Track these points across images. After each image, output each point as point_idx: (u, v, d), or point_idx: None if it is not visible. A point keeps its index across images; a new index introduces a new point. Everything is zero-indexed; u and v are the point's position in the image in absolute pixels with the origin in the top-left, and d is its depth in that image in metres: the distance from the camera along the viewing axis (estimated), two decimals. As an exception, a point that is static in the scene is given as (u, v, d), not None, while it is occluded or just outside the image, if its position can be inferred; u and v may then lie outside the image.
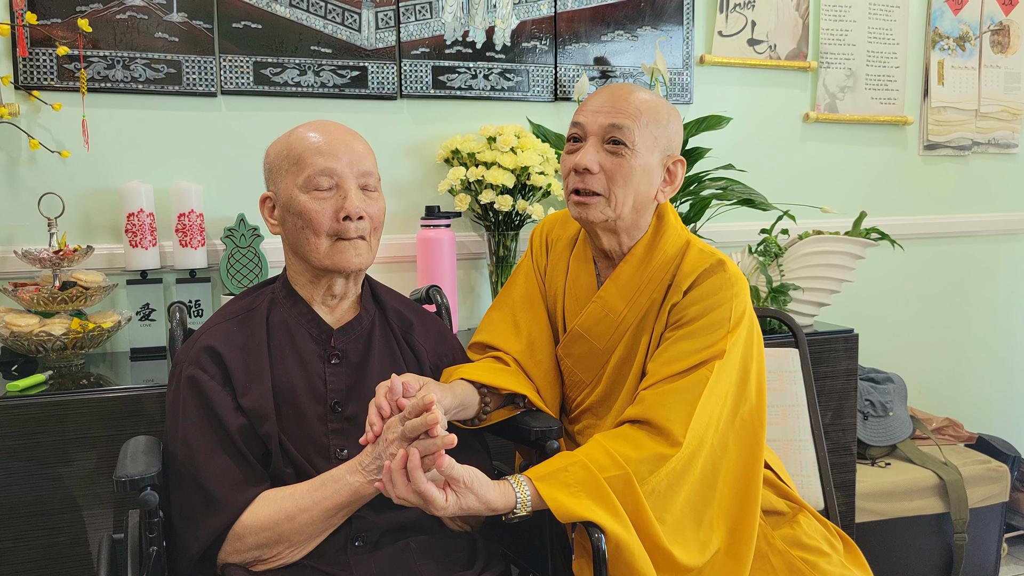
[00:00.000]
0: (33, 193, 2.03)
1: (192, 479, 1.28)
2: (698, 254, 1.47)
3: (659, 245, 1.49)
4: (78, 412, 1.72)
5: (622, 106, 1.43)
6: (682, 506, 1.35)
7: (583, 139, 1.46)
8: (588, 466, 1.30)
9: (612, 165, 1.43)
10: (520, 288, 1.62)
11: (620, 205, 1.44)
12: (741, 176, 2.52)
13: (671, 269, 1.47)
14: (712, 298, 1.43)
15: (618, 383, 1.50)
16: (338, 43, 2.26)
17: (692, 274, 1.45)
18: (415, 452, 1.20)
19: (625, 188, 1.43)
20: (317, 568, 1.28)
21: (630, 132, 1.42)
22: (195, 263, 2.12)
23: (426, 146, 2.39)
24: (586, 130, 1.45)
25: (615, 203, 1.44)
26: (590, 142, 1.44)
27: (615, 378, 1.50)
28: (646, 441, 1.34)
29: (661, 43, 2.56)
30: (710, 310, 1.42)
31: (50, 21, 2.01)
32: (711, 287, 1.43)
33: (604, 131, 1.43)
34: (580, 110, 1.48)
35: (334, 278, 1.40)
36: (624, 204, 1.44)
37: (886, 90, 2.89)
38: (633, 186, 1.44)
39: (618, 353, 1.49)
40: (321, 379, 1.37)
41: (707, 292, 1.43)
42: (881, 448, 2.59)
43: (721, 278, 1.43)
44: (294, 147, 1.37)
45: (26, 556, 1.70)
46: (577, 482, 1.29)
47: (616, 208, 1.44)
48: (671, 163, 1.48)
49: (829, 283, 2.37)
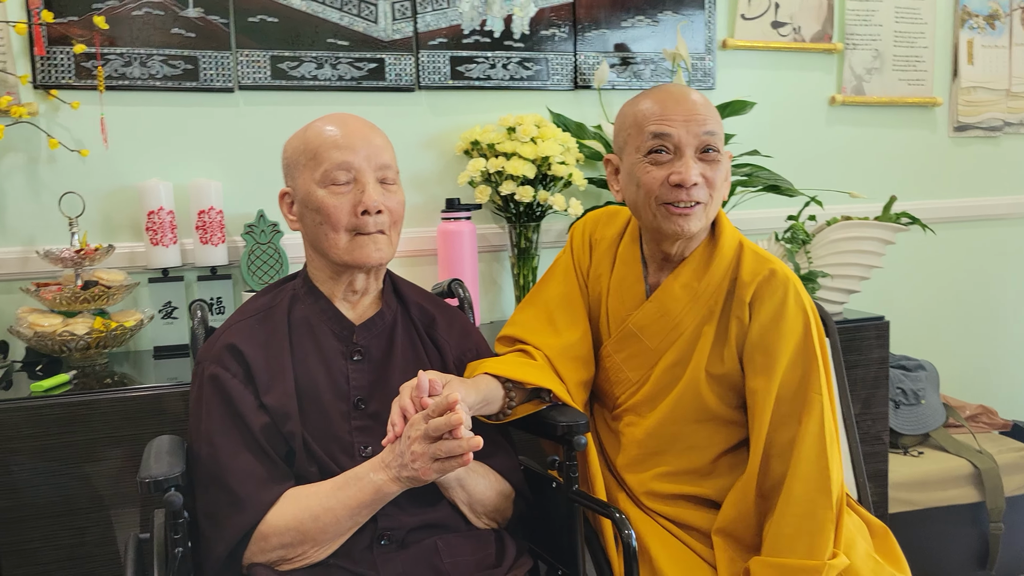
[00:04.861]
0: (53, 193, 2.03)
1: (217, 478, 1.27)
2: (753, 258, 1.46)
3: (717, 248, 1.48)
4: (103, 411, 1.72)
5: (707, 112, 1.42)
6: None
7: (671, 151, 1.42)
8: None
9: (711, 173, 1.42)
10: (557, 286, 1.59)
11: (712, 210, 1.45)
12: (766, 162, 2.48)
13: (729, 274, 1.46)
14: (783, 325, 1.40)
15: (667, 385, 1.47)
16: (355, 35, 2.24)
17: (751, 284, 1.43)
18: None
19: (718, 194, 1.44)
20: (343, 567, 1.26)
21: (720, 139, 1.43)
22: (216, 260, 2.11)
23: (445, 138, 2.36)
24: (679, 142, 1.41)
25: (709, 209, 1.44)
26: (688, 155, 1.41)
27: (665, 380, 1.47)
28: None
29: (682, 28, 2.52)
30: (786, 338, 1.40)
31: (67, 19, 2.00)
32: (776, 303, 1.41)
33: (699, 141, 1.41)
34: (662, 119, 1.41)
35: (355, 274, 1.38)
36: (714, 209, 1.45)
37: (914, 71, 2.83)
38: (722, 191, 1.45)
39: (670, 355, 1.47)
40: (344, 376, 1.36)
41: (775, 313, 1.41)
42: (914, 437, 2.56)
43: (779, 292, 1.42)
44: (311, 141, 1.35)
45: (54, 556, 1.71)
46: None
47: (709, 215, 1.45)
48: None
49: (858, 270, 2.33)
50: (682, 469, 1.48)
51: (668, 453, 1.48)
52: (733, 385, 1.46)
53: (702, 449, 1.47)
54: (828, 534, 1.34)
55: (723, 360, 1.45)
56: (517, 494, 1.42)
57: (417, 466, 1.22)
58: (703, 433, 1.47)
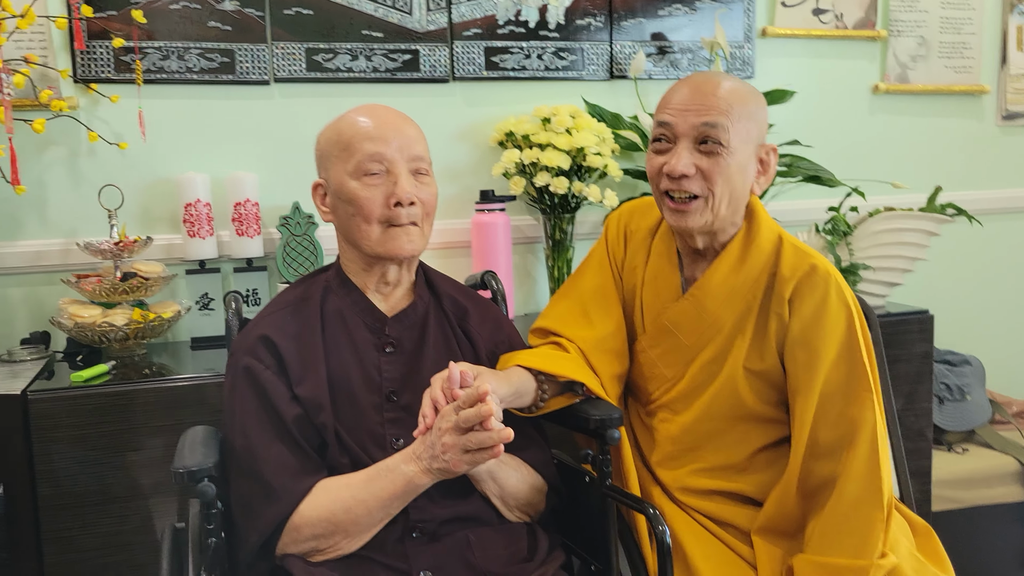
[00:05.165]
0: (93, 185, 2.05)
1: (250, 469, 1.27)
2: (793, 253, 1.41)
3: (754, 242, 1.43)
4: (141, 401, 1.74)
5: (711, 102, 1.35)
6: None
7: (671, 140, 1.39)
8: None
9: (709, 165, 1.36)
10: (592, 278, 1.56)
11: (718, 205, 1.38)
12: (807, 152, 2.43)
13: (768, 268, 1.42)
14: (825, 322, 1.36)
15: (704, 383, 1.44)
16: (389, 27, 2.24)
17: (791, 279, 1.39)
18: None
19: (722, 188, 1.37)
20: (375, 559, 1.26)
21: (724, 130, 1.35)
22: (252, 252, 2.12)
23: (479, 129, 2.35)
24: (675, 131, 1.38)
25: (713, 204, 1.37)
26: (682, 144, 1.37)
27: (701, 377, 1.45)
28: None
29: (721, 16, 2.48)
30: (829, 335, 1.36)
31: (105, 14, 2.02)
32: (817, 299, 1.37)
33: (697, 131, 1.36)
34: (664, 108, 1.40)
35: (387, 265, 1.38)
36: (722, 204, 1.38)
37: (961, 58, 2.75)
38: (730, 185, 1.37)
39: (707, 352, 1.44)
40: (376, 368, 1.36)
41: (816, 309, 1.37)
42: (958, 433, 2.50)
43: (820, 288, 1.37)
44: (343, 132, 1.35)
45: (93, 544, 1.73)
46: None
47: (714, 209, 1.38)
48: (764, 153, 1.41)
49: (902, 262, 2.27)
50: (718, 465, 1.45)
51: (704, 449, 1.46)
52: (772, 382, 1.42)
53: (739, 445, 1.45)
54: (878, 534, 1.31)
55: (762, 357, 1.41)
56: (550, 488, 1.41)
57: (448, 457, 1.21)
58: (740, 430, 1.45)
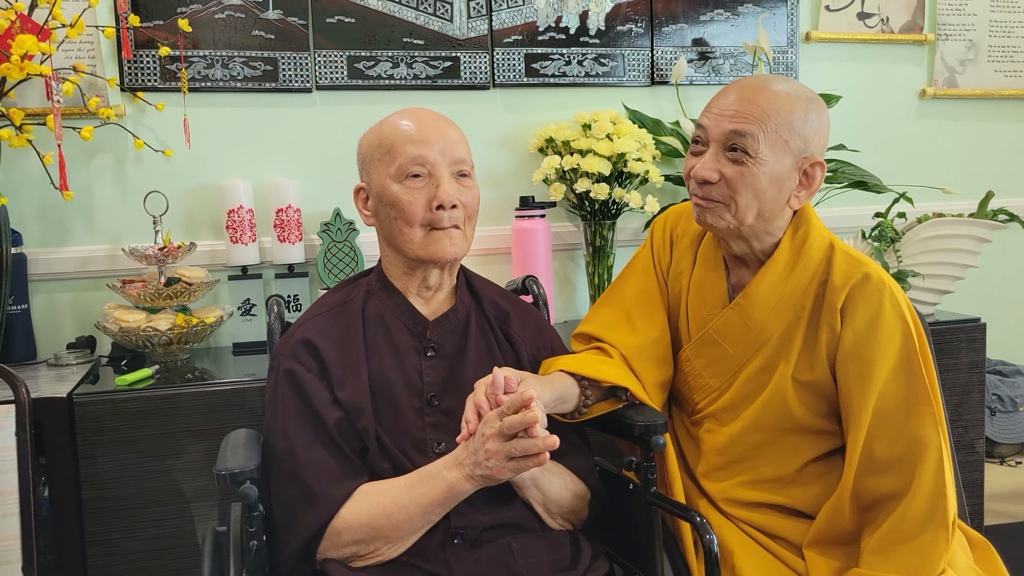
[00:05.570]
0: (139, 192, 2.08)
1: (291, 473, 1.27)
2: (845, 260, 1.37)
3: (804, 251, 1.39)
4: (184, 406, 1.75)
5: (747, 109, 1.32)
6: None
7: (705, 143, 1.37)
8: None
9: (733, 174, 1.33)
10: (636, 284, 1.54)
11: (743, 214, 1.34)
12: (853, 157, 2.38)
13: (818, 276, 1.37)
14: (879, 334, 1.32)
15: (751, 393, 1.41)
16: (430, 34, 2.24)
17: (843, 288, 1.34)
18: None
19: (747, 198, 1.33)
20: (416, 565, 1.25)
21: (753, 140, 1.31)
22: (293, 258, 2.13)
23: (520, 135, 2.34)
24: (708, 135, 1.36)
25: (736, 211, 1.34)
26: (711, 149, 1.35)
27: (749, 388, 1.41)
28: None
29: (764, 20, 2.45)
30: (884, 348, 1.32)
31: (152, 23, 2.06)
32: (871, 310, 1.33)
33: (726, 137, 1.33)
34: (706, 110, 1.38)
35: (429, 269, 1.37)
36: (747, 213, 1.34)
37: (1011, 62, 2.69)
38: (757, 196, 1.33)
39: (755, 363, 1.40)
40: (417, 372, 1.35)
41: (870, 320, 1.33)
42: (1011, 446, 2.44)
43: (874, 297, 1.33)
44: (386, 136, 1.35)
45: (136, 547, 1.74)
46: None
47: (738, 216, 1.34)
48: (808, 165, 1.35)
49: (952, 269, 2.22)
50: (766, 477, 1.41)
51: (751, 461, 1.42)
52: (823, 394, 1.38)
53: (788, 457, 1.41)
54: (941, 553, 1.26)
55: (812, 368, 1.37)
56: (593, 495, 1.39)
57: (491, 464, 1.19)
58: (789, 441, 1.40)
